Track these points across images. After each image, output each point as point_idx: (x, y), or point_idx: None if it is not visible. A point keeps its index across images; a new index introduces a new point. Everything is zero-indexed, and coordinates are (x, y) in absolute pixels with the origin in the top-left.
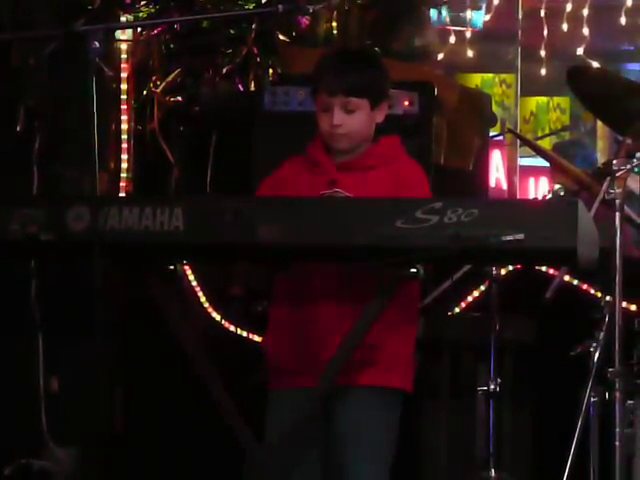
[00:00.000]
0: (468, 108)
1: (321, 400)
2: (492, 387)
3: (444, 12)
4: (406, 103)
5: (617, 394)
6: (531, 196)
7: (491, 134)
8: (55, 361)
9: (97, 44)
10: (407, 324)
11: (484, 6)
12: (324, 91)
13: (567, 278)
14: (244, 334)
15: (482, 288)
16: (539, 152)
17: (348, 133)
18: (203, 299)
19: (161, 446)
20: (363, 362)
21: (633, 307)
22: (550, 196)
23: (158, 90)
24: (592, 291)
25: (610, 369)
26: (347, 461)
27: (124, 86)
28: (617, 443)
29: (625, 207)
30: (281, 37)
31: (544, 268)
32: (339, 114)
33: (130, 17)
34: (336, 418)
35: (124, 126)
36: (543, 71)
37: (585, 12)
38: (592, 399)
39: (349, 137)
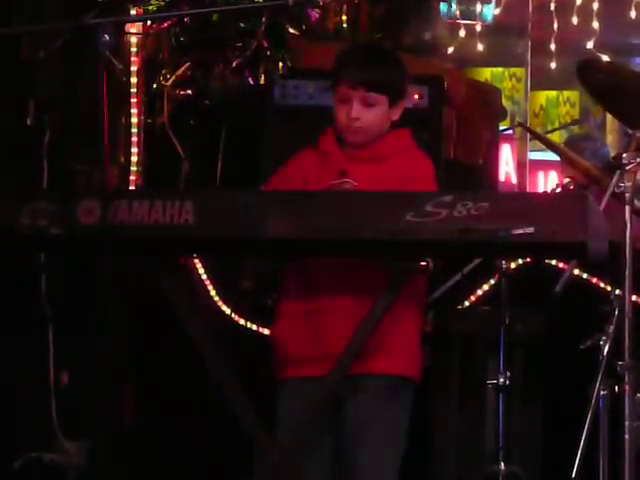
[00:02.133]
0: (478, 102)
1: (331, 392)
2: (502, 381)
3: (454, 6)
4: (416, 97)
5: (627, 387)
6: (541, 190)
7: (501, 128)
8: (65, 355)
9: (107, 37)
10: (413, 315)
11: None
12: (345, 83)
13: (577, 271)
14: (254, 327)
15: (492, 282)
16: (549, 146)
17: (364, 127)
18: (213, 293)
19: (171, 441)
20: (370, 351)
21: None
22: (560, 190)
23: (168, 83)
24: (602, 284)
25: (620, 362)
26: (357, 452)
27: (134, 79)
28: (627, 436)
29: (635, 200)
30: (291, 30)
31: (554, 262)
32: (358, 107)
33: (140, 10)
34: (345, 407)
35: (134, 119)
36: (553, 65)
37: (595, 6)
38: (602, 392)
39: (365, 131)
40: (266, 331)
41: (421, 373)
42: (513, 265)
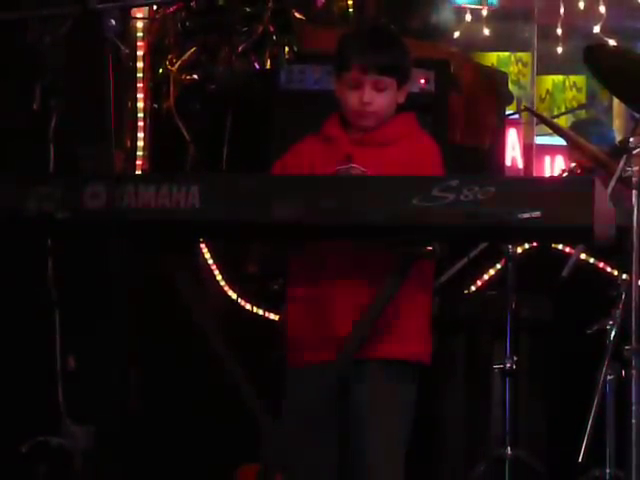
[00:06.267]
0: (484, 87)
1: (338, 376)
2: (508, 365)
3: None
4: (422, 81)
5: (633, 372)
6: (547, 174)
7: (507, 112)
8: (72, 339)
9: (113, 22)
10: (421, 300)
11: None
12: (356, 68)
13: (583, 256)
14: (260, 312)
15: (498, 266)
16: (556, 130)
17: (377, 111)
18: (219, 277)
19: (175, 424)
20: (378, 336)
21: None
22: (566, 174)
23: (174, 68)
24: (608, 269)
25: (626, 347)
26: (364, 438)
27: (140, 64)
28: (633, 421)
29: None
30: (297, 15)
31: (560, 246)
32: (370, 92)
33: None
34: (353, 391)
35: (140, 104)
36: (559, 49)
37: None
38: (608, 377)
39: (377, 115)
40: (272, 315)
41: (430, 356)
42: (519, 249)
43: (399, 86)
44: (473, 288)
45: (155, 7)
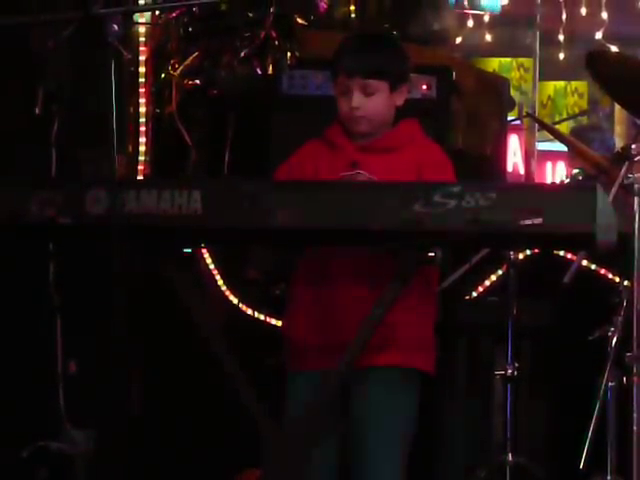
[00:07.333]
0: (486, 92)
1: (340, 382)
2: (509, 371)
3: None
4: (424, 87)
5: (635, 379)
6: (549, 181)
7: (509, 118)
8: (73, 344)
9: (116, 27)
10: (425, 307)
11: None
12: (343, 73)
13: (585, 263)
14: (262, 317)
15: (500, 272)
16: (557, 136)
17: (367, 116)
18: (220, 282)
19: (178, 428)
20: (381, 344)
21: None
22: (568, 180)
23: (176, 73)
24: (610, 276)
25: (628, 354)
26: (364, 444)
27: (142, 69)
28: (635, 428)
29: None
30: (299, 20)
31: (562, 252)
32: (358, 96)
33: (149, 0)
34: (354, 400)
35: (142, 109)
36: (561, 55)
37: None
38: (610, 384)
39: (368, 120)
40: (274, 321)
41: (434, 364)
42: (521, 256)
43: (392, 88)
44: (474, 294)
45: (158, 12)
